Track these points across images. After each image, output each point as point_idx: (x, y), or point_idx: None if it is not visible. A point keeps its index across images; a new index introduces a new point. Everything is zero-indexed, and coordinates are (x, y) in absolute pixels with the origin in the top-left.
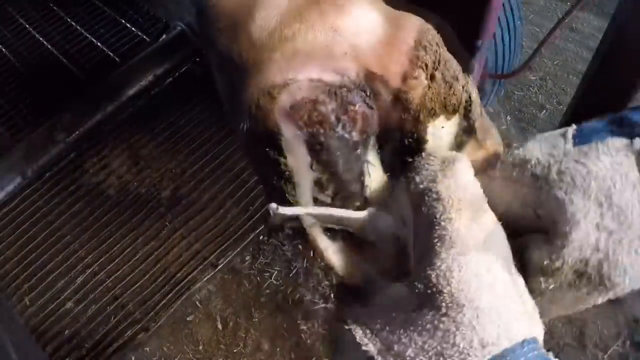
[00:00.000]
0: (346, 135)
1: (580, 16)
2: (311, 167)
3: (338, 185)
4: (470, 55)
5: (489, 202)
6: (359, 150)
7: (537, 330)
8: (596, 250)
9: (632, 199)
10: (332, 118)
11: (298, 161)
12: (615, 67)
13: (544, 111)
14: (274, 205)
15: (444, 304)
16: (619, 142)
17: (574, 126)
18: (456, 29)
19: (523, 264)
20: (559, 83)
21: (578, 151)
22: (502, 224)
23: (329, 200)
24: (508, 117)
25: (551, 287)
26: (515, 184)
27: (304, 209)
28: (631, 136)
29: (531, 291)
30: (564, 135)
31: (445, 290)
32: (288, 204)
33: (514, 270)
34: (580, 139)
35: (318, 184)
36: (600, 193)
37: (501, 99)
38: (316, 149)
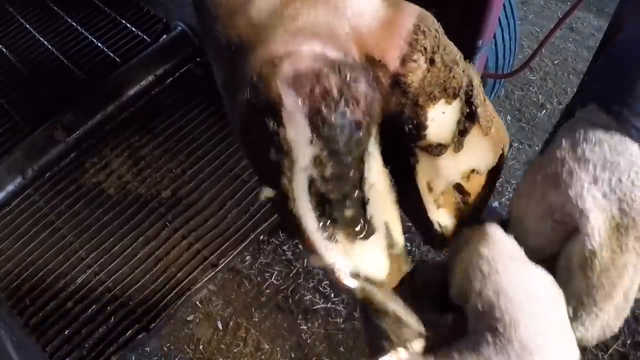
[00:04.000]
0: (348, 114)
1: (580, 16)
2: (311, 142)
3: (336, 166)
4: (470, 55)
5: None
6: (361, 133)
7: None
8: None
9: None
10: (335, 93)
11: (298, 134)
12: (614, 67)
13: (544, 111)
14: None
15: (514, 353)
16: None
17: None
18: (457, 28)
19: None
20: (559, 83)
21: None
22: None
23: (324, 187)
24: (508, 117)
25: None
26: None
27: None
28: None
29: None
30: None
31: (513, 339)
32: (282, 180)
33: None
34: None
35: (317, 161)
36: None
37: (501, 99)
38: (317, 123)
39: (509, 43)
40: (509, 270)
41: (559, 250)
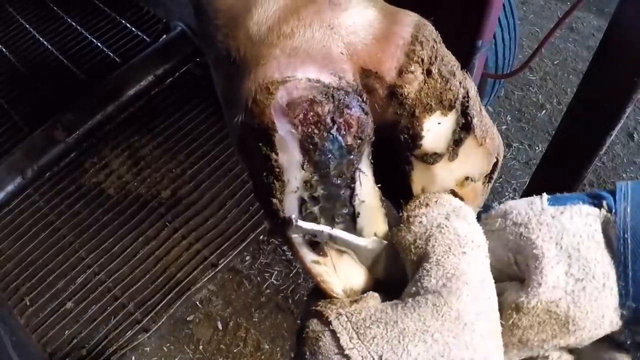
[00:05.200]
0: (340, 139)
1: (580, 16)
2: (302, 167)
3: (327, 189)
4: (470, 55)
5: None
6: (352, 156)
7: None
8: (565, 294)
9: (596, 255)
10: (328, 120)
11: (289, 159)
12: (615, 67)
13: (544, 111)
14: (294, 216)
15: (449, 319)
16: (589, 208)
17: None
18: (456, 29)
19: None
20: (559, 83)
21: (554, 210)
22: None
23: (315, 206)
24: (508, 117)
25: (524, 324)
26: (499, 232)
27: (321, 227)
28: (599, 207)
29: (502, 326)
30: (540, 198)
31: (454, 307)
32: (273, 200)
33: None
34: (555, 202)
35: (307, 184)
36: (570, 246)
37: (501, 99)
38: (309, 149)
39: (509, 43)
40: (471, 252)
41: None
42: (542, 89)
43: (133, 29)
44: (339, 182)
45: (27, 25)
